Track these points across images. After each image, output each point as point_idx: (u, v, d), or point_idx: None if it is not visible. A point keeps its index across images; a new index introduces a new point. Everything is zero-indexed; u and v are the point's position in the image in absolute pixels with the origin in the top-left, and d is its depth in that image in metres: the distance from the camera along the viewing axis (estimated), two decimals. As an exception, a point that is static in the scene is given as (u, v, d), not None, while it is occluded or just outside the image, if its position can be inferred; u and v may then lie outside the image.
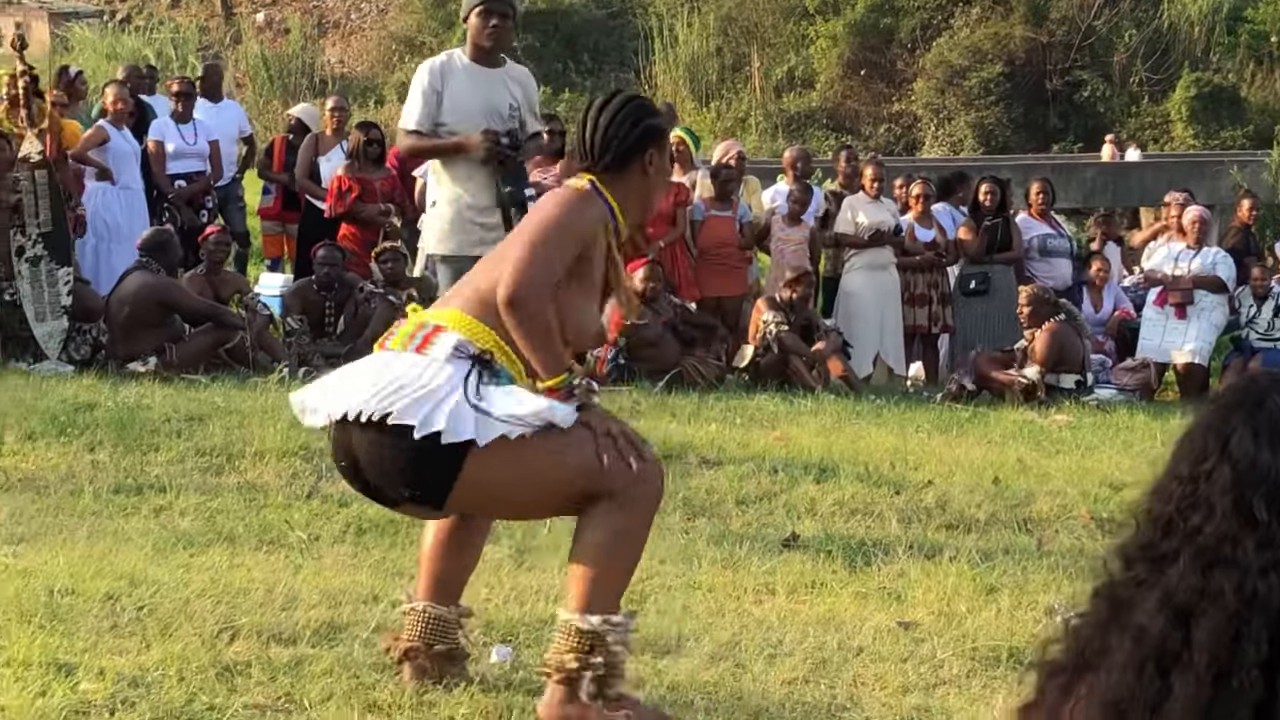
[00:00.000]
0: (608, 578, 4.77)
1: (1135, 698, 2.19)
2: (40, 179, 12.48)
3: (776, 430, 10.93)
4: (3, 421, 9.26)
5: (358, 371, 4.80)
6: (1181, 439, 2.37)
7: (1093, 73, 43.28)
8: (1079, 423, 12.59)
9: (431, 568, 5.24)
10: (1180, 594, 2.23)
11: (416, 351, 4.72)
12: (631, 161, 5.04)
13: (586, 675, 4.66)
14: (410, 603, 5.26)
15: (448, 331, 4.75)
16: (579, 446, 4.69)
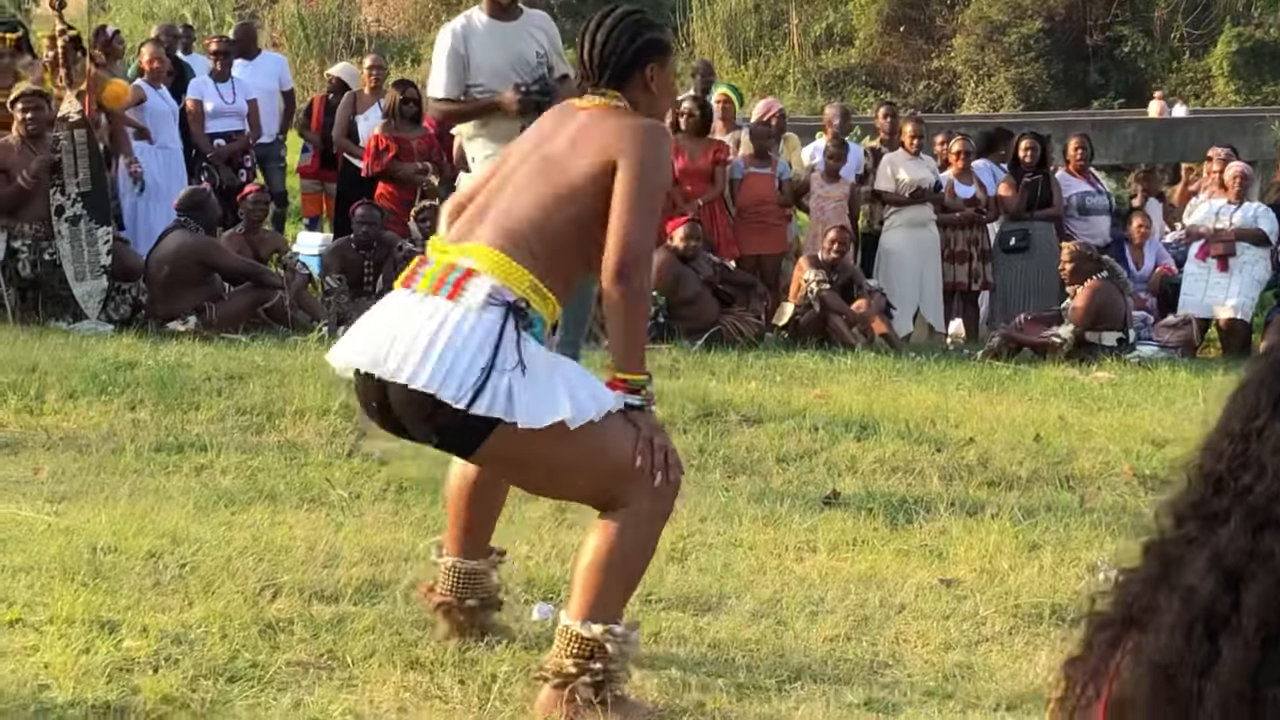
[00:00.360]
0: (613, 587, 4.67)
1: (1184, 661, 2.17)
2: (79, 138, 12.49)
3: (817, 388, 10.91)
4: (44, 381, 9.28)
5: (388, 321, 4.63)
6: (1234, 394, 2.33)
7: (1133, 28, 43.03)
8: (1121, 380, 12.54)
9: (457, 519, 5.24)
10: (1230, 555, 2.20)
11: (448, 298, 4.58)
12: (631, 77, 4.90)
13: (584, 680, 4.59)
14: (441, 557, 5.28)
15: (480, 275, 4.59)
16: (619, 447, 4.59)
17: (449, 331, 4.50)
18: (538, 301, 4.63)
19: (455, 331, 4.50)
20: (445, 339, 4.49)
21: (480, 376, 4.43)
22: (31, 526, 6.30)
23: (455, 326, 4.51)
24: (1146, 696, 2.17)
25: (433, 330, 4.52)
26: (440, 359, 4.46)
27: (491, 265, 4.61)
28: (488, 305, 4.53)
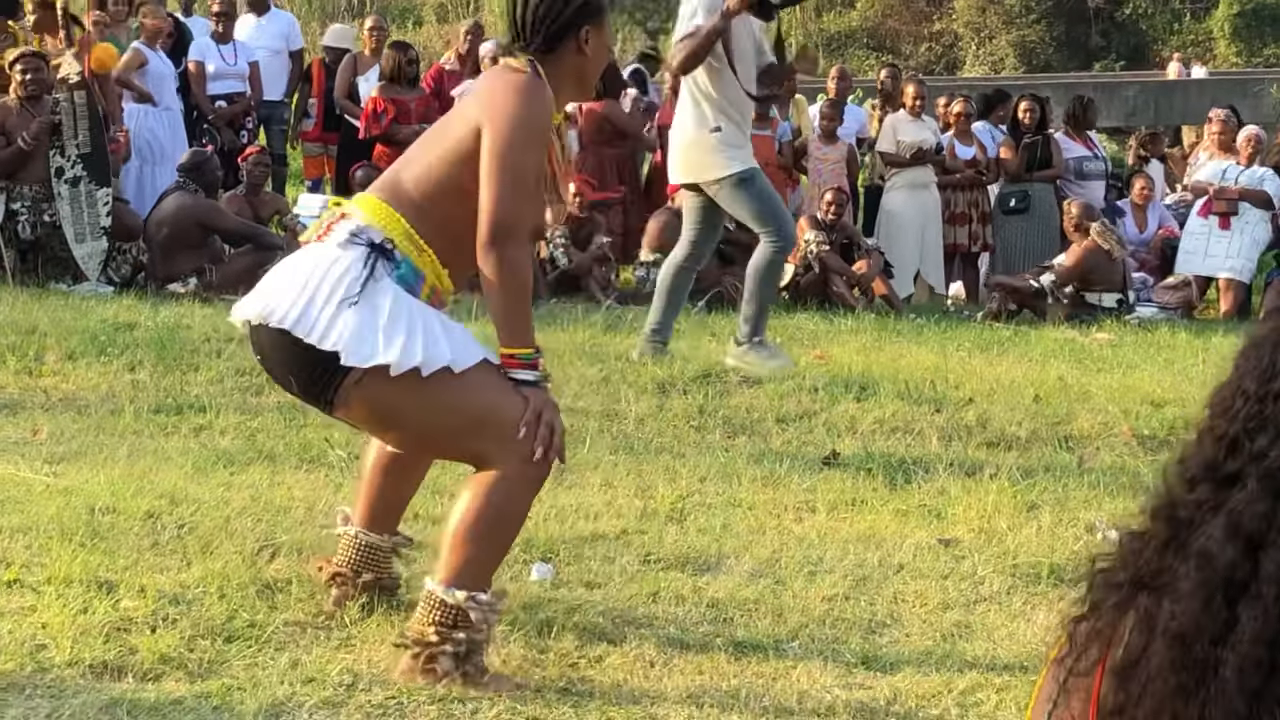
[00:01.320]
0: (482, 554, 4.48)
1: (1201, 628, 2.14)
2: (79, 100, 12.48)
3: (817, 349, 10.92)
4: (43, 342, 9.28)
5: (275, 270, 4.57)
6: (1246, 352, 2.28)
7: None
8: (1120, 341, 12.54)
9: (369, 492, 5.07)
10: (1248, 520, 2.16)
11: (318, 239, 4.53)
12: (565, 40, 4.71)
13: (446, 649, 4.43)
14: (345, 525, 5.14)
15: (350, 218, 4.52)
16: (485, 402, 4.43)
17: (307, 269, 4.43)
18: (409, 248, 4.50)
19: (314, 268, 4.42)
20: (304, 276, 4.41)
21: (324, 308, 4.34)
22: (30, 487, 6.30)
23: (314, 264, 4.43)
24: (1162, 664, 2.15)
25: (297, 271, 4.46)
26: (296, 296, 4.38)
27: (365, 208, 4.54)
28: (349, 243, 4.45)
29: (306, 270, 4.43)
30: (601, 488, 6.84)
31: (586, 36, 4.73)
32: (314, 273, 4.41)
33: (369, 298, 4.37)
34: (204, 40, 15.53)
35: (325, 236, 4.52)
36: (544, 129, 4.57)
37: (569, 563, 5.70)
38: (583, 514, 6.33)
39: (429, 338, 4.36)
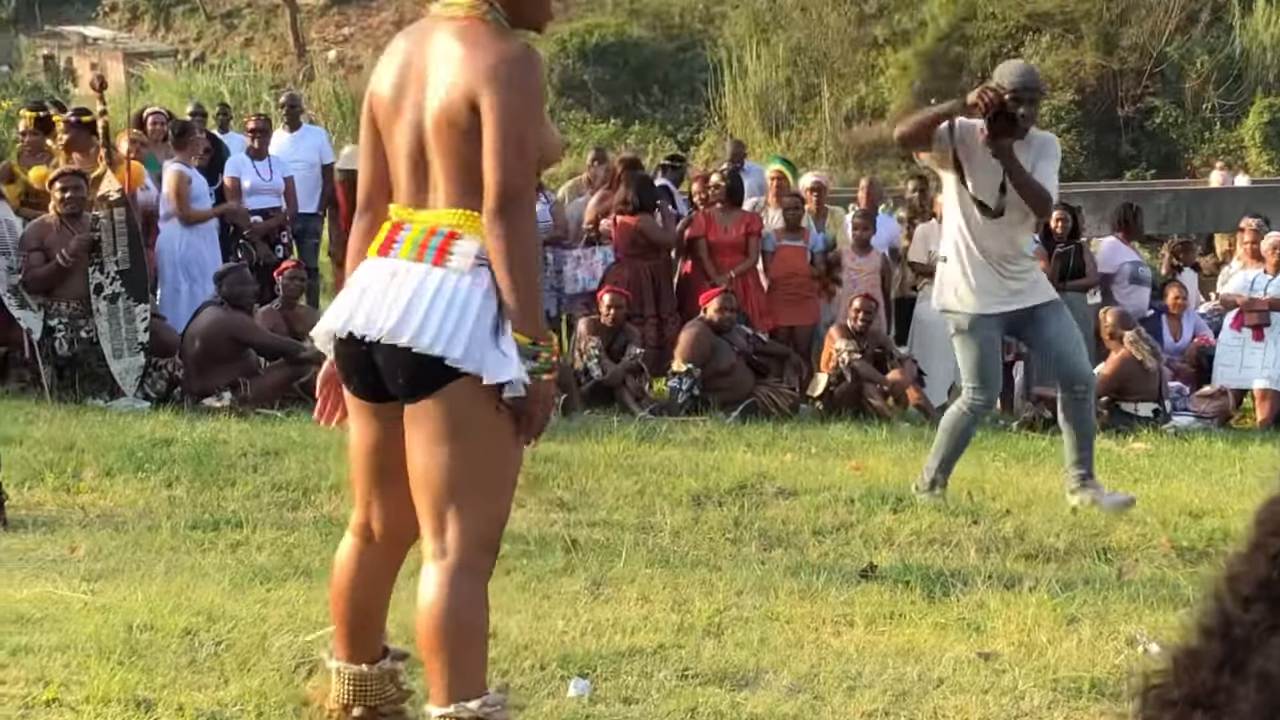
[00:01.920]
0: (465, 659, 4.45)
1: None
2: (119, 217, 12.56)
3: (852, 459, 10.89)
4: (80, 459, 9.31)
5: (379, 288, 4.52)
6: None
7: (1165, 99, 43.06)
8: (1157, 451, 12.49)
9: (339, 620, 4.92)
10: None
11: (434, 264, 4.48)
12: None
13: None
14: (330, 660, 4.98)
15: (464, 238, 4.50)
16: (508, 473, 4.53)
17: (447, 296, 4.44)
18: None
19: (454, 296, 4.43)
20: (445, 303, 4.43)
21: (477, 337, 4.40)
22: (68, 605, 6.30)
23: (453, 291, 4.44)
24: None
25: (436, 296, 4.45)
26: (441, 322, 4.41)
27: (469, 226, 4.51)
28: (476, 268, 4.47)
29: (447, 297, 4.44)
30: (638, 601, 6.82)
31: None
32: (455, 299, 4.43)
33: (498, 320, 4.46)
34: (239, 156, 15.66)
35: (443, 260, 4.48)
36: (541, 97, 4.57)
37: (606, 678, 5.67)
38: (619, 628, 6.30)
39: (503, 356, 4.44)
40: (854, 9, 50.29)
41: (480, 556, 4.48)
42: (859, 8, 50.43)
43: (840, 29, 49.46)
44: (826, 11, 50.28)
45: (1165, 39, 44.38)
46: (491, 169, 4.39)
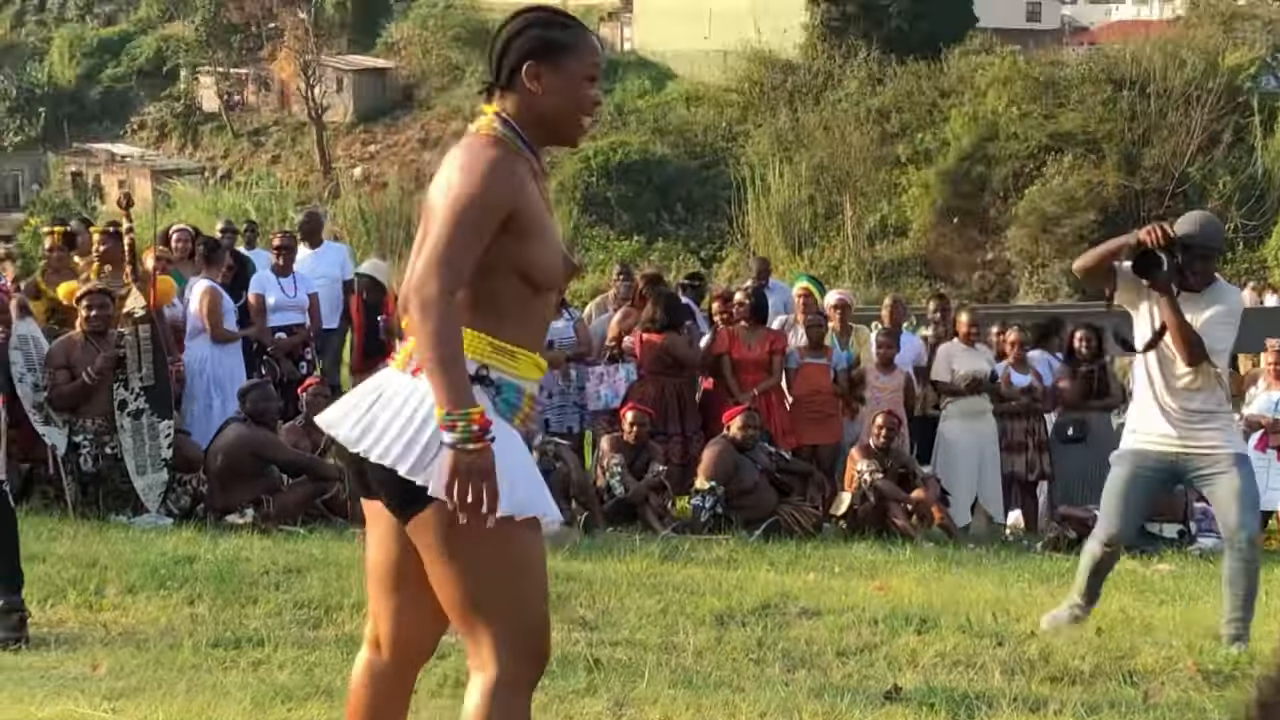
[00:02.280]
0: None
1: None
2: (143, 333, 12.63)
3: (876, 580, 10.85)
4: (103, 575, 9.31)
5: (362, 393, 4.63)
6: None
7: (1188, 219, 43.08)
8: (1182, 572, 12.43)
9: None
10: None
11: (413, 374, 4.54)
12: (516, 77, 4.70)
13: None
14: None
15: None
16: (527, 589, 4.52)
17: (413, 405, 4.49)
18: (501, 362, 4.57)
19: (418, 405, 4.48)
20: (409, 412, 4.48)
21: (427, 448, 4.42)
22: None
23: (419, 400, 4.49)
24: None
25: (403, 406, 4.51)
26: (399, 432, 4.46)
27: None
28: None
29: (412, 406, 4.49)
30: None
31: (535, 72, 4.70)
32: (418, 410, 4.47)
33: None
34: (264, 273, 15.73)
35: (420, 371, 4.49)
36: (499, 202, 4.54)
37: (629, 801, 5.63)
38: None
39: (507, 483, 4.41)
40: (876, 128, 50.69)
41: (519, 667, 4.47)
42: (881, 127, 50.83)
43: (863, 148, 49.83)
44: (849, 130, 50.68)
45: (1187, 160, 44.60)
46: (425, 255, 4.45)
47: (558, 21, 4.79)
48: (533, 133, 4.73)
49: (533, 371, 4.64)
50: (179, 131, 77.46)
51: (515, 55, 4.71)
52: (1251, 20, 52.82)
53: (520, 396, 4.61)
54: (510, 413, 4.57)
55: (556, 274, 4.67)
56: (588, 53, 4.78)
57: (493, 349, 4.55)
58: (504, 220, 4.54)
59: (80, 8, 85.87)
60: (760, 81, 57.83)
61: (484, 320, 4.55)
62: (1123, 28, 63.24)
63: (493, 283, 4.56)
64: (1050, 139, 46.02)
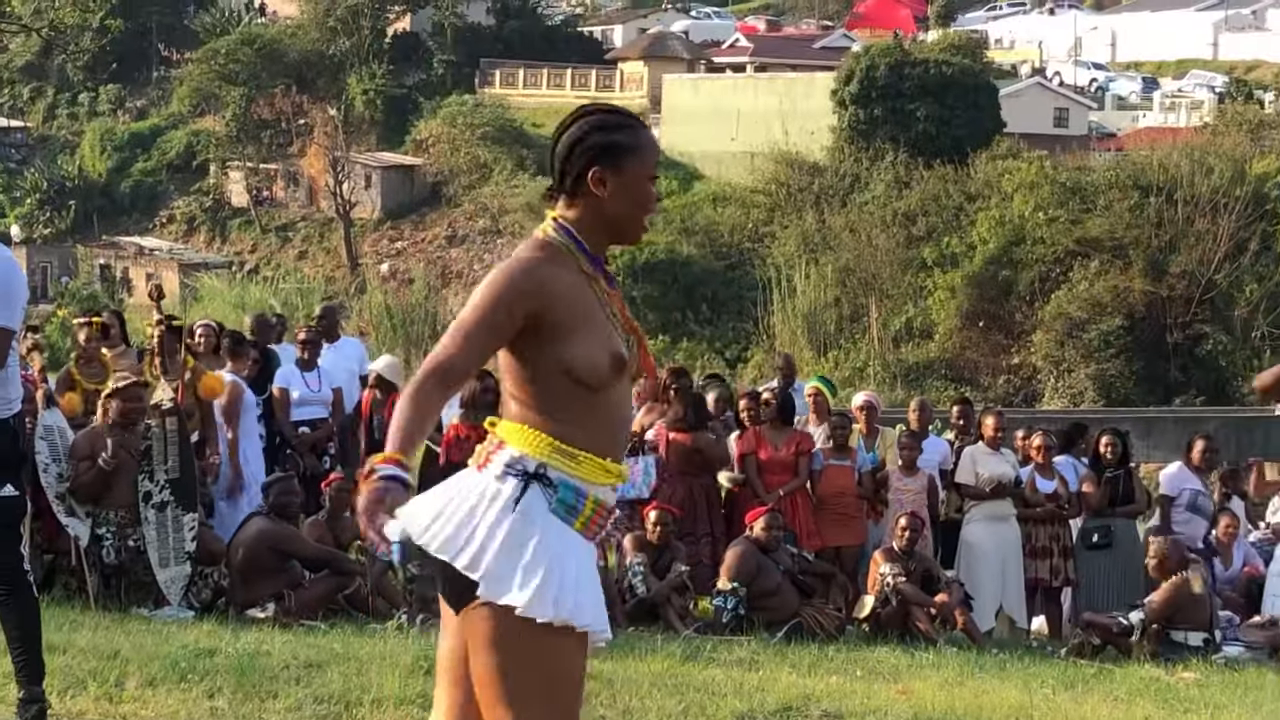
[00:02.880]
0: None
1: None
2: (170, 426, 12.63)
3: (899, 683, 10.79)
4: (124, 668, 9.29)
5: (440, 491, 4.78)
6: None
7: (1214, 326, 43.19)
8: (1207, 680, 12.35)
9: None
10: None
11: (478, 468, 4.72)
12: (582, 183, 4.80)
13: None
14: None
15: (505, 447, 4.69)
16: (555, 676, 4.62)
17: (471, 500, 4.65)
18: (563, 463, 4.65)
19: (476, 501, 4.64)
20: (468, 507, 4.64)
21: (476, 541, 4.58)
22: (106, 815, 6.26)
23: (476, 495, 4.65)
24: None
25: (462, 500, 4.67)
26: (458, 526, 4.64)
27: (512, 436, 4.70)
28: (505, 475, 4.64)
29: (471, 501, 4.64)
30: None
31: (598, 177, 4.78)
32: (476, 506, 4.62)
33: (516, 535, 4.57)
34: (289, 368, 15.76)
35: (485, 466, 4.69)
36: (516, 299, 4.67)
37: None
38: None
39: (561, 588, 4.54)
40: (902, 231, 50.86)
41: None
42: (907, 230, 51.00)
43: (889, 250, 50.00)
44: (875, 233, 50.86)
45: (1214, 267, 44.66)
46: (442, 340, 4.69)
47: (619, 123, 4.87)
48: (595, 237, 4.84)
49: (598, 475, 4.70)
50: (207, 225, 77.97)
51: (579, 161, 4.79)
52: (1279, 128, 52.97)
53: (580, 499, 4.67)
54: (568, 515, 4.65)
55: (603, 372, 4.73)
56: (649, 152, 4.89)
57: (552, 449, 4.65)
58: (532, 321, 4.64)
59: (112, 102, 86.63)
60: (787, 183, 58.09)
61: (544, 420, 4.67)
62: (1150, 134, 63.46)
63: (543, 383, 4.68)
64: (1076, 244, 46.09)
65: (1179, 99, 74.69)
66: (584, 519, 4.67)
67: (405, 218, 72.66)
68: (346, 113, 76.41)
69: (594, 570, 4.75)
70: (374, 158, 74.87)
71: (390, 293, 60.55)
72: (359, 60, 78.57)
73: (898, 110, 56.67)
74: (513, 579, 4.53)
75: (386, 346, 45.91)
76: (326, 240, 73.85)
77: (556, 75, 78.95)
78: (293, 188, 77.64)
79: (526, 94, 77.59)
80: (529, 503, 4.59)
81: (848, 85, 58.42)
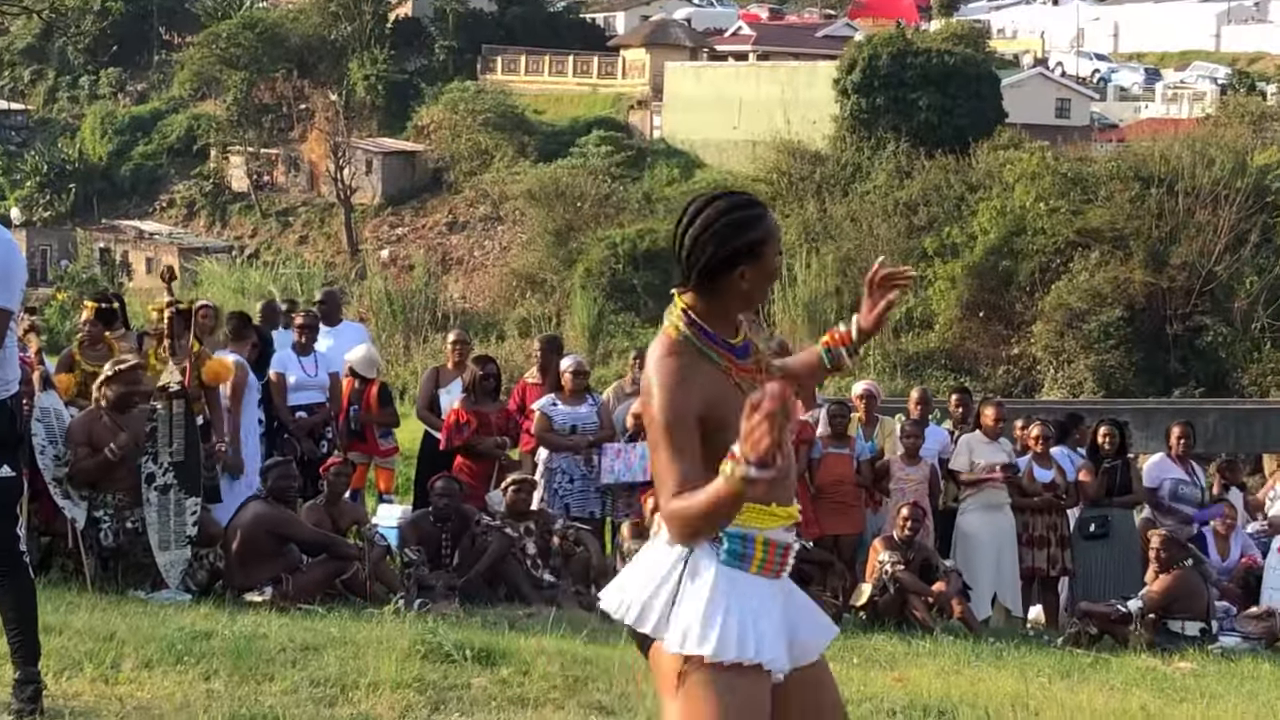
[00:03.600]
0: None
1: None
2: (176, 408, 12.57)
3: (895, 671, 10.80)
4: (120, 649, 9.28)
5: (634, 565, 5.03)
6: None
7: (1214, 318, 43.15)
8: (1203, 670, 12.36)
9: None
10: None
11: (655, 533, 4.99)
12: (720, 278, 4.91)
13: None
14: None
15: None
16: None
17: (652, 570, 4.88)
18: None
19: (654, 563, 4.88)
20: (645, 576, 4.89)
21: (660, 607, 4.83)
22: (101, 796, 6.26)
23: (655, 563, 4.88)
24: None
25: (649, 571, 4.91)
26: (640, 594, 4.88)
27: None
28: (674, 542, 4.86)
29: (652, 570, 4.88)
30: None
31: (743, 275, 4.91)
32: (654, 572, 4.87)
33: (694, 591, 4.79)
34: (285, 352, 15.73)
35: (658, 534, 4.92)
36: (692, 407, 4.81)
37: None
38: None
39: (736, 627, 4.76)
40: (903, 221, 50.83)
41: None
42: (908, 220, 50.97)
43: (890, 240, 49.94)
44: (876, 222, 50.83)
45: (1214, 258, 44.61)
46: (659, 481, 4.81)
47: (747, 216, 4.96)
48: (729, 318, 4.98)
49: (763, 520, 4.86)
50: (207, 210, 77.88)
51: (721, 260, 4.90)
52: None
53: (748, 545, 4.85)
54: (739, 562, 4.83)
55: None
56: (776, 232, 5.01)
57: None
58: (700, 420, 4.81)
59: (113, 85, 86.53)
60: (788, 172, 58.04)
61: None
62: (1152, 125, 63.44)
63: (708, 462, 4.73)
64: (1077, 235, 46.06)
65: (1181, 90, 74.69)
66: (758, 562, 4.85)
67: (406, 204, 72.60)
68: (348, 98, 76.33)
69: (771, 606, 4.87)
70: (375, 143, 74.80)
71: (390, 279, 60.52)
72: (361, 45, 78.43)
73: (900, 100, 56.61)
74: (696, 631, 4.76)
75: (386, 333, 45.94)
76: (327, 226, 73.80)
77: (558, 62, 78.83)
78: (293, 173, 77.58)
79: (528, 80, 77.48)
80: (696, 560, 4.81)
81: (850, 74, 58.36)
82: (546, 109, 74.62)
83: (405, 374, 39.57)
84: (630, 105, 74.56)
